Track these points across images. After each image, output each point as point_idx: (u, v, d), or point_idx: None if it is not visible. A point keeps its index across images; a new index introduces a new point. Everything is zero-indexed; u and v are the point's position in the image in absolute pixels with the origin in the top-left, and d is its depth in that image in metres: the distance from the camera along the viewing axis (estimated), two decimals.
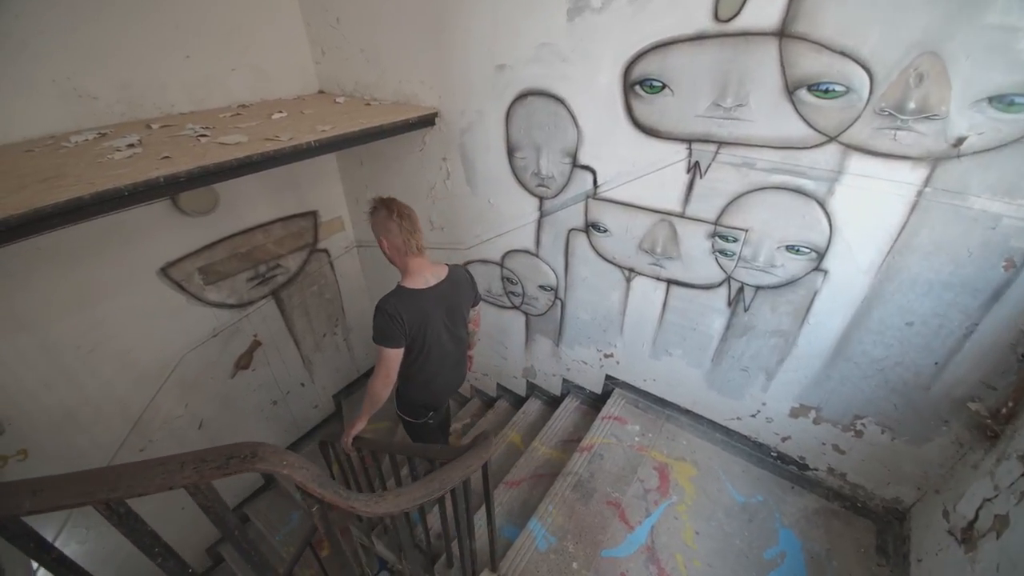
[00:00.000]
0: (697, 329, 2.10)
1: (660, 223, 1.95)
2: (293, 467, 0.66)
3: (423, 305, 1.81)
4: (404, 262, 1.82)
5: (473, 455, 1.03)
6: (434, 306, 1.84)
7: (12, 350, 2.07)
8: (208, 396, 2.99)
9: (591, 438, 2.30)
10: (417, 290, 1.80)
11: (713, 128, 1.65)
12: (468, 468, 0.97)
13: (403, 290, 1.80)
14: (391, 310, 1.72)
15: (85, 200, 1.33)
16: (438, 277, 1.87)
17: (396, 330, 1.73)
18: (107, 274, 2.32)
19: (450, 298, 1.90)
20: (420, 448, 1.53)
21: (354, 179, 3.17)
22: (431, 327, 1.84)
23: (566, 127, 1.97)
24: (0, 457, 2.08)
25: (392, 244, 1.79)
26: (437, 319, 1.87)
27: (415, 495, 0.85)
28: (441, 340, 1.91)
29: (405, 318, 1.74)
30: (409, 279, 1.82)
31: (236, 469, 0.63)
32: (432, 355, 1.90)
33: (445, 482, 0.90)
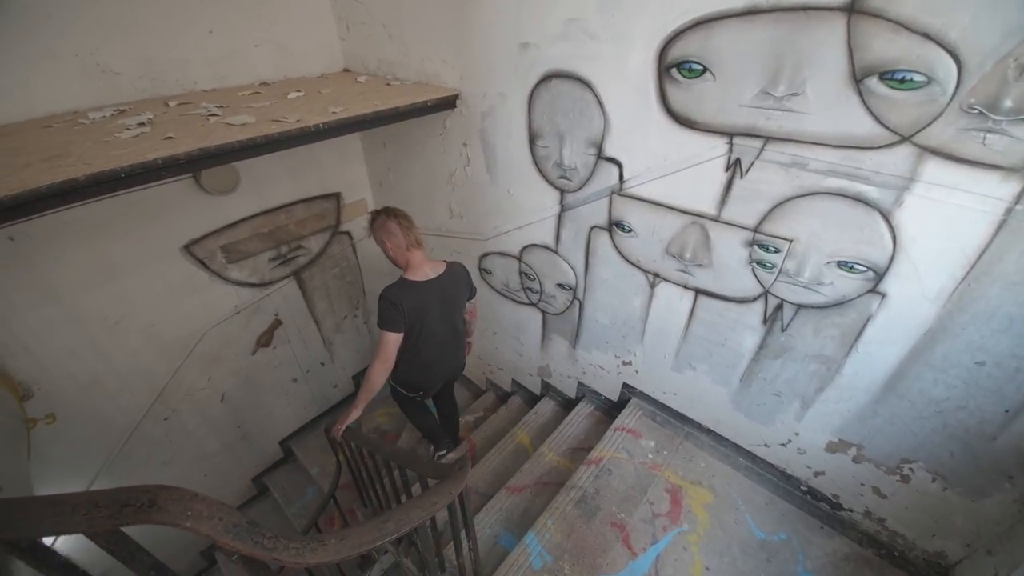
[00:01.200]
0: (726, 345, 1.89)
1: (691, 226, 1.74)
2: (199, 518, 0.58)
3: (423, 296, 1.99)
4: (406, 258, 2.01)
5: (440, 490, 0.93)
6: (432, 297, 2.03)
7: (41, 319, 2.16)
8: (230, 371, 3.07)
9: (601, 450, 2.16)
10: (417, 282, 2.00)
11: (759, 120, 1.42)
12: (432, 507, 0.87)
13: (405, 282, 2.00)
14: (393, 298, 1.91)
15: (80, 182, 1.30)
16: (436, 272, 2.05)
17: (397, 316, 1.92)
18: (132, 249, 2.37)
19: (447, 290, 2.09)
20: (406, 458, 1.45)
21: (377, 162, 3.10)
22: (429, 316, 2.03)
23: (592, 114, 1.78)
24: (30, 420, 2.19)
25: (395, 244, 1.99)
26: (435, 309, 2.05)
27: (363, 539, 0.75)
28: (438, 328, 2.09)
29: (405, 306, 1.92)
30: (410, 273, 2.01)
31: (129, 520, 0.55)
32: (430, 341, 2.08)
33: (402, 523, 0.80)
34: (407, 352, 2.04)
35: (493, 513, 2.07)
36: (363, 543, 0.75)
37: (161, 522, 0.56)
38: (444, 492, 0.92)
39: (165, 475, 3.00)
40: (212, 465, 3.27)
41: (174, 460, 3.00)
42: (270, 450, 3.64)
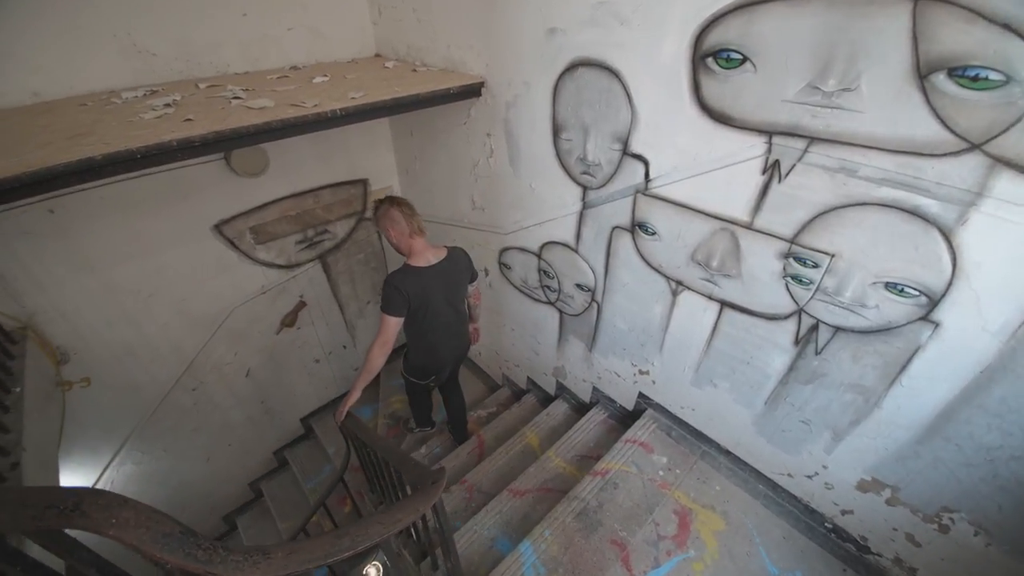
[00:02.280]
0: (751, 364, 1.74)
1: (720, 232, 1.60)
2: (125, 526, 0.55)
3: (425, 280, 2.04)
4: (409, 245, 2.04)
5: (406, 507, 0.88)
6: (436, 281, 2.08)
7: (80, 289, 2.28)
8: (255, 348, 3.17)
9: (609, 461, 2.06)
10: (420, 268, 2.04)
11: (804, 118, 1.26)
12: (395, 523, 0.81)
13: (408, 267, 2.04)
14: (396, 283, 1.97)
15: (96, 161, 1.32)
16: (438, 257, 2.10)
17: (399, 300, 1.97)
18: (167, 226, 2.46)
19: (450, 275, 2.14)
20: (395, 456, 1.42)
21: (405, 149, 3.07)
22: (433, 299, 2.09)
23: (619, 106, 1.66)
24: (66, 382, 2.33)
25: (398, 231, 2.02)
26: (438, 292, 2.10)
27: (313, 555, 0.71)
28: (442, 311, 2.15)
29: (408, 291, 1.97)
30: (413, 259, 2.05)
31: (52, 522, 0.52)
32: (434, 323, 2.15)
33: (359, 539, 0.76)
34: (415, 336, 2.18)
35: (492, 515, 2.02)
36: (313, 559, 0.72)
37: (84, 528, 0.54)
38: (410, 509, 0.87)
39: (194, 442, 3.15)
40: (237, 436, 3.41)
41: (201, 429, 3.14)
42: (291, 426, 3.76)
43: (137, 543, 0.55)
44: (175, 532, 0.60)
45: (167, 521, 0.60)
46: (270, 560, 0.68)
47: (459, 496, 2.28)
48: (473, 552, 1.89)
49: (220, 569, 0.62)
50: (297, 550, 0.71)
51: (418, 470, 1.18)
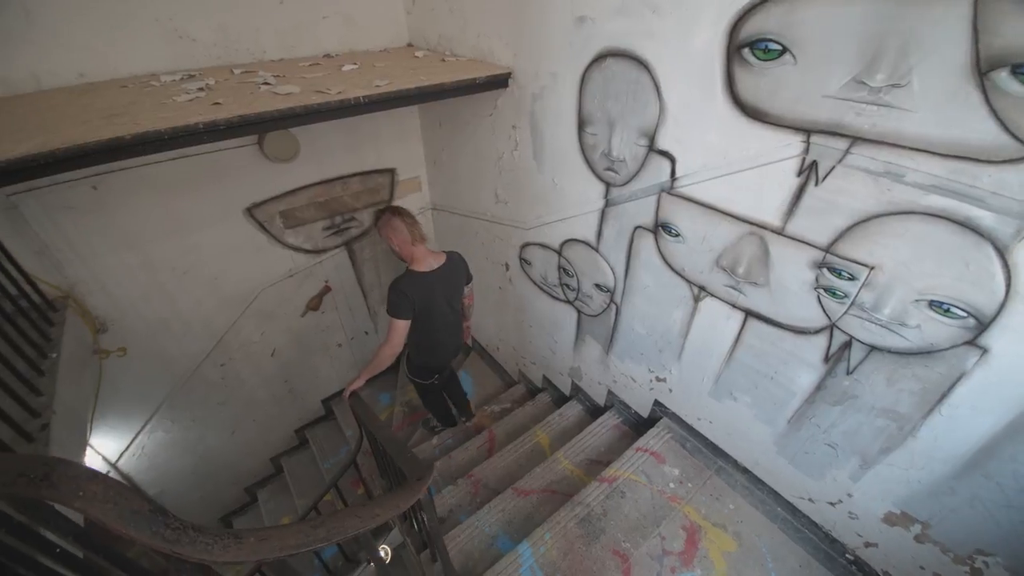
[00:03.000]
0: (775, 379, 1.64)
1: (748, 237, 1.50)
2: (91, 499, 0.55)
3: (428, 284, 2.15)
4: (410, 252, 2.15)
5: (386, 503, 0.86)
6: (437, 285, 2.20)
7: (119, 263, 2.40)
8: (281, 329, 3.27)
9: (618, 468, 2.00)
10: (422, 273, 2.15)
11: (847, 116, 1.16)
12: (372, 518, 0.80)
13: (412, 273, 2.14)
14: (403, 288, 2.07)
15: (126, 140, 1.37)
16: (439, 262, 2.20)
17: (406, 304, 2.07)
18: (202, 207, 2.55)
19: (449, 278, 2.27)
20: (394, 446, 1.41)
21: (433, 140, 3.07)
22: (435, 301, 2.21)
23: (647, 100, 1.58)
24: (104, 350, 2.47)
25: (400, 239, 2.13)
26: (440, 295, 2.22)
27: (286, 543, 0.70)
28: (443, 311, 2.28)
29: (413, 295, 2.08)
30: (416, 265, 2.15)
31: (22, 491, 0.53)
32: (436, 324, 2.27)
33: (335, 531, 0.74)
34: (418, 336, 2.24)
35: (495, 512, 2.00)
36: (285, 547, 0.71)
37: (50, 499, 0.54)
38: (390, 505, 0.85)
39: (220, 415, 3.29)
40: (261, 412, 3.53)
41: (228, 402, 3.28)
42: (313, 406, 3.87)
43: (102, 517, 0.56)
44: (143, 510, 0.60)
45: (136, 498, 0.60)
46: (241, 544, 0.68)
47: (465, 489, 2.27)
48: (473, 548, 1.87)
49: (188, 550, 0.62)
50: (270, 536, 0.70)
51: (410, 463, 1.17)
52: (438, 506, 2.19)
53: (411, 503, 0.91)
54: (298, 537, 0.72)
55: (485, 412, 3.02)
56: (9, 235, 2.00)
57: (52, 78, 1.88)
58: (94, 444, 2.73)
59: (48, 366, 1.84)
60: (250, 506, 3.86)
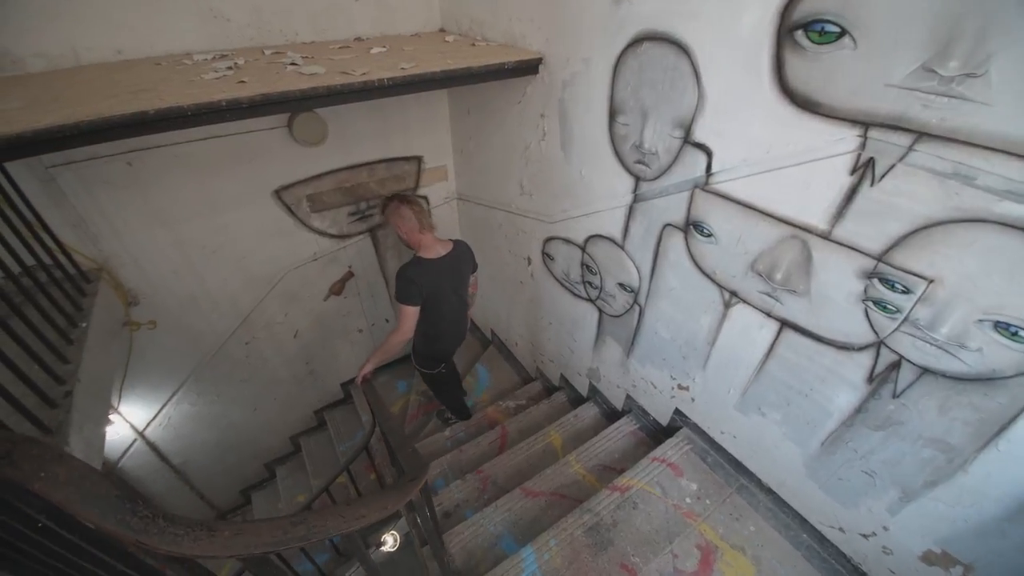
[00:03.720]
0: (810, 397, 1.50)
1: (789, 240, 1.37)
2: (53, 482, 0.52)
3: (436, 271, 2.17)
4: (418, 240, 2.16)
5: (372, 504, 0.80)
6: (445, 272, 2.21)
7: (151, 239, 2.46)
8: (304, 311, 3.31)
9: (632, 477, 1.91)
10: (430, 260, 2.17)
11: (912, 108, 1.02)
12: (357, 519, 0.75)
13: (420, 260, 2.16)
14: (411, 275, 2.08)
15: (149, 115, 1.37)
16: (446, 249, 2.22)
17: (414, 291, 2.09)
18: (232, 187, 2.59)
19: (456, 266, 2.28)
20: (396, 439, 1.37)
21: (461, 129, 3.02)
22: (442, 288, 2.22)
23: (684, 87, 1.47)
24: (134, 323, 2.55)
25: (408, 227, 2.14)
26: (446, 282, 2.24)
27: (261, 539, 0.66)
28: (449, 299, 2.29)
29: (421, 282, 2.10)
30: (424, 252, 2.17)
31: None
32: (442, 311, 2.27)
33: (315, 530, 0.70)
34: (424, 324, 2.22)
35: (502, 511, 1.95)
36: (260, 543, 0.67)
37: (12, 478, 0.51)
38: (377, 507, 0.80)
39: (243, 391, 3.37)
40: (282, 391, 3.61)
41: (251, 380, 3.35)
42: (332, 389, 3.92)
43: (64, 502, 0.53)
44: (110, 495, 0.57)
45: (104, 483, 0.57)
46: (213, 537, 0.64)
47: (473, 485, 2.23)
48: (476, 546, 1.83)
49: (155, 540, 0.59)
50: (245, 531, 0.67)
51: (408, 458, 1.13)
52: (445, 499, 2.16)
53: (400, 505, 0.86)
54: (275, 534, 0.68)
55: (499, 407, 2.98)
56: (47, 207, 2.07)
57: (90, 54, 1.92)
58: (123, 412, 2.84)
59: (77, 335, 1.90)
60: (269, 481, 3.97)
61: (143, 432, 3.00)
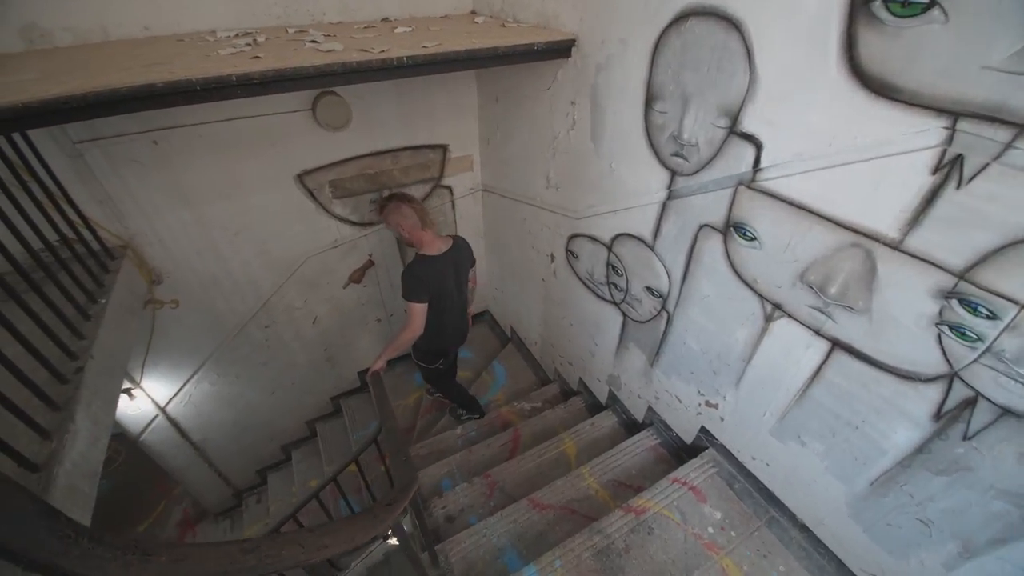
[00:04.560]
0: (861, 430, 1.31)
1: (849, 249, 1.19)
2: None
3: (439, 267, 2.20)
4: (420, 238, 2.18)
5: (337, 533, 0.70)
6: (448, 268, 2.25)
7: (176, 219, 2.47)
8: (324, 298, 3.29)
9: (648, 499, 1.76)
10: (433, 256, 2.18)
11: (1015, 96, 0.84)
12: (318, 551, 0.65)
13: (424, 257, 2.18)
14: (417, 272, 2.12)
15: (157, 88, 1.32)
16: (447, 245, 2.24)
17: (422, 288, 2.11)
18: (255, 170, 2.57)
19: (457, 261, 2.31)
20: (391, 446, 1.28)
21: (489, 118, 2.90)
22: (446, 284, 2.26)
23: (734, 69, 1.29)
24: (158, 301, 2.58)
25: (409, 225, 2.14)
26: (449, 278, 2.28)
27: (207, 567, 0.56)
28: (452, 295, 2.33)
29: (427, 278, 2.13)
30: (426, 249, 2.19)
31: None
32: (445, 306, 2.30)
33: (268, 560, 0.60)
34: (427, 320, 2.21)
35: (507, 522, 1.84)
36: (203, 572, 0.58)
37: None
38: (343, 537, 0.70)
39: (262, 374, 3.39)
40: (300, 376, 3.61)
41: (269, 363, 3.37)
42: (349, 377, 3.91)
43: None
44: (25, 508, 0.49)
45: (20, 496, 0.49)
46: (148, 563, 0.55)
47: (480, 490, 2.13)
48: (477, 557, 1.73)
49: (75, 564, 0.51)
50: (187, 557, 0.58)
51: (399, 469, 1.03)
52: (450, 502, 2.08)
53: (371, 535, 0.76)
54: (221, 562, 0.59)
55: (514, 408, 2.87)
56: (74, 182, 2.09)
57: (118, 29, 1.91)
58: (146, 387, 2.89)
59: (96, 311, 1.90)
60: (284, 463, 4.01)
61: (164, 408, 3.06)
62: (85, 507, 1.45)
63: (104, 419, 1.73)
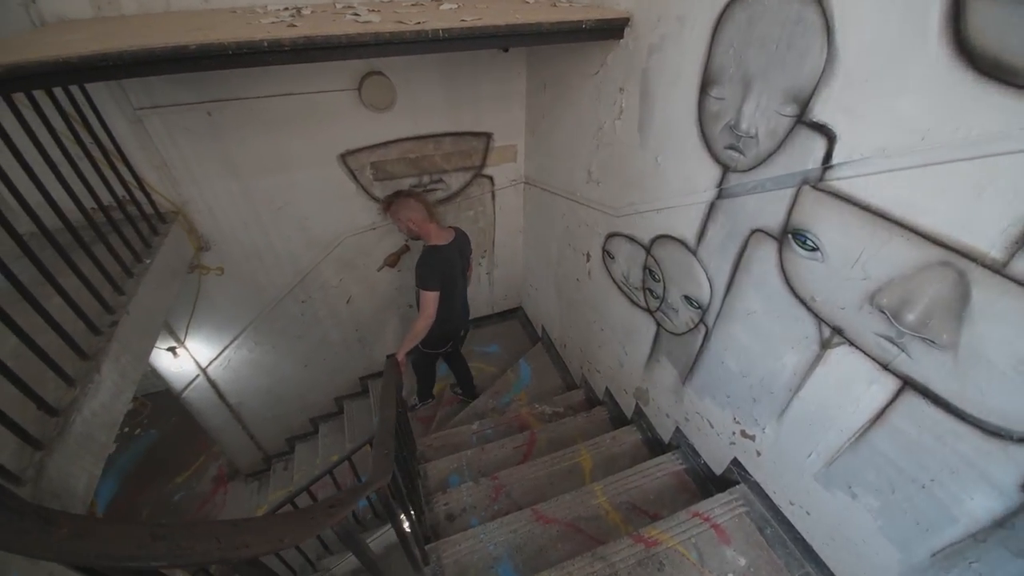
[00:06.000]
0: (929, 490, 1.08)
1: (937, 268, 0.96)
2: None
3: (448, 256, 2.33)
4: (427, 230, 2.29)
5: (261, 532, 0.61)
6: (455, 256, 2.38)
7: (225, 190, 2.56)
8: (358, 279, 3.32)
9: (663, 530, 1.57)
10: (443, 246, 2.30)
11: None
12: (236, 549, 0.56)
13: (435, 247, 2.29)
14: (430, 261, 2.24)
15: (190, 50, 1.32)
16: (451, 236, 2.36)
17: (434, 276, 2.23)
18: (301, 147, 2.61)
19: (462, 250, 2.45)
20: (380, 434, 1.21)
21: (536, 106, 2.78)
22: (454, 272, 2.39)
23: (808, 46, 1.09)
24: (204, 267, 2.69)
25: (416, 218, 2.26)
26: (456, 265, 2.42)
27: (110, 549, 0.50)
28: (458, 281, 2.48)
29: (439, 267, 2.26)
30: (435, 240, 2.30)
31: None
32: (454, 293, 2.45)
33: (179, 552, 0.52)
34: (440, 305, 2.30)
35: (507, 531, 1.73)
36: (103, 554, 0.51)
37: None
38: (271, 536, 0.62)
39: (296, 347, 3.49)
40: (332, 354, 3.69)
41: (304, 337, 3.46)
42: (379, 358, 3.94)
43: None
44: None
45: None
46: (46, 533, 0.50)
47: (485, 491, 2.03)
48: (471, 563, 1.64)
49: None
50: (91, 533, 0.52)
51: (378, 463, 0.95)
52: (453, 500, 2.00)
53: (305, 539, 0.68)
54: (127, 545, 0.52)
55: (534, 410, 2.75)
56: (134, 148, 2.20)
57: (179, 2, 1.97)
58: (189, 348, 3.05)
59: (139, 270, 1.99)
60: (311, 435, 4.13)
61: (205, 369, 3.21)
62: (99, 456, 1.50)
63: (131, 373, 1.79)
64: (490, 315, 4.06)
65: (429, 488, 2.18)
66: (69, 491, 1.32)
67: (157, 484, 4.35)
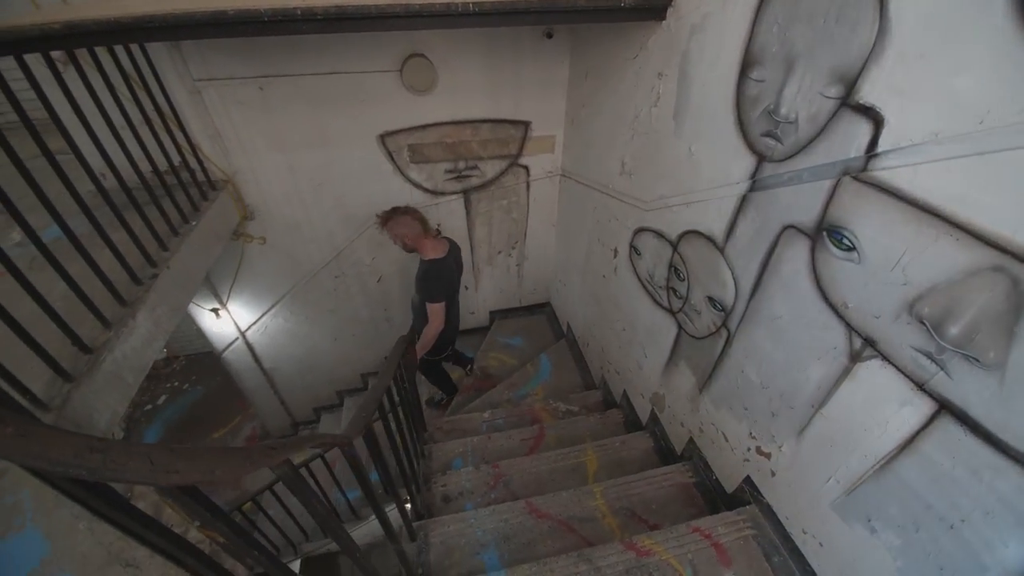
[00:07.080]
0: (958, 531, 0.93)
1: (988, 275, 0.83)
2: None
3: (450, 267, 2.43)
4: (424, 244, 2.36)
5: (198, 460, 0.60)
6: (454, 266, 2.48)
7: (271, 163, 2.69)
8: (390, 259, 3.40)
9: (658, 541, 1.48)
10: (443, 258, 2.38)
11: None
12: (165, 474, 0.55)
13: (438, 260, 2.36)
14: (436, 275, 2.34)
15: (228, 16, 1.39)
16: (446, 247, 2.44)
17: (442, 288, 2.36)
18: (343, 126, 2.70)
19: (457, 259, 2.56)
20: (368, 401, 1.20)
21: (577, 96, 2.71)
22: (454, 281, 2.50)
23: (859, 19, 0.98)
24: (248, 235, 2.85)
25: (412, 233, 2.33)
26: (456, 275, 2.53)
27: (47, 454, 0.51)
28: (457, 290, 2.59)
29: (444, 278, 2.36)
30: (433, 253, 2.37)
31: None
32: (455, 299, 2.60)
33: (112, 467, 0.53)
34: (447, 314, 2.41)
35: (497, 520, 1.70)
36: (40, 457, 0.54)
37: None
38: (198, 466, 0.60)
39: (328, 320, 3.62)
40: (360, 330, 3.80)
41: (335, 312, 3.58)
42: None
43: None
44: None
45: None
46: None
47: (484, 478, 2.01)
48: (456, 546, 1.61)
49: None
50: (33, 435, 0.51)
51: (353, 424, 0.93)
52: (451, 482, 1.99)
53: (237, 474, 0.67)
54: (65, 451, 0.53)
55: (548, 406, 2.69)
56: (192, 116, 2.36)
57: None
58: (231, 310, 3.24)
59: (185, 231, 2.13)
60: (336, 407, 4.29)
61: (244, 332, 3.41)
62: (124, 396, 1.61)
63: (165, 323, 1.91)
64: (517, 308, 4.03)
65: (432, 468, 2.18)
66: (91, 423, 1.42)
67: (196, 436, 4.69)
